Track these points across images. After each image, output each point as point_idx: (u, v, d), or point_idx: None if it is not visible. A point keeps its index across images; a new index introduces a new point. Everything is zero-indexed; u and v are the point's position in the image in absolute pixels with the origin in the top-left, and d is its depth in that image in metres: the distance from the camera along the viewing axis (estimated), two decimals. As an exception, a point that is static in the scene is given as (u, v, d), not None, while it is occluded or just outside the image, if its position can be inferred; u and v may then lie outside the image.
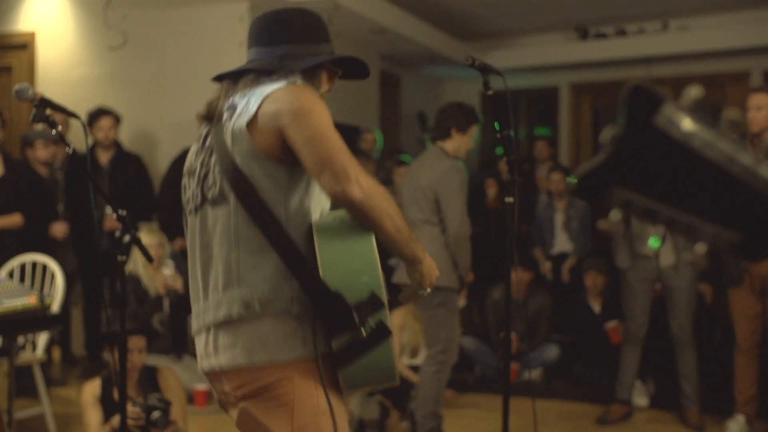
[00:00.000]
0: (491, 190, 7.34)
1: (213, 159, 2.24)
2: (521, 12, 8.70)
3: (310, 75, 2.30)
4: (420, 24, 8.42)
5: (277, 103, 2.14)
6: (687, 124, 0.73)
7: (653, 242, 2.73)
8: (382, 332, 2.07)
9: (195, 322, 2.29)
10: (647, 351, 5.61)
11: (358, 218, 2.11)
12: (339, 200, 2.08)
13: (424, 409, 4.85)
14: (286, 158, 2.14)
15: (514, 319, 5.80)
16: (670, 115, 0.73)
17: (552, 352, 6.58)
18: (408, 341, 5.96)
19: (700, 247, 0.78)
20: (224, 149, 2.18)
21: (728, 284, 5.14)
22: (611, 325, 6.23)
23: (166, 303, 5.88)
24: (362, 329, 2.05)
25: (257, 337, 2.13)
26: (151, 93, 7.19)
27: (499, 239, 7.62)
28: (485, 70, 3.13)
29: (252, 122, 2.15)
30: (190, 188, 2.34)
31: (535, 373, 6.44)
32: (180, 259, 6.39)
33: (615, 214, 0.77)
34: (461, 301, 5.04)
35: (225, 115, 2.23)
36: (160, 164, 6.95)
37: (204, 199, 2.25)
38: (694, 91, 0.75)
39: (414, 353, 6.01)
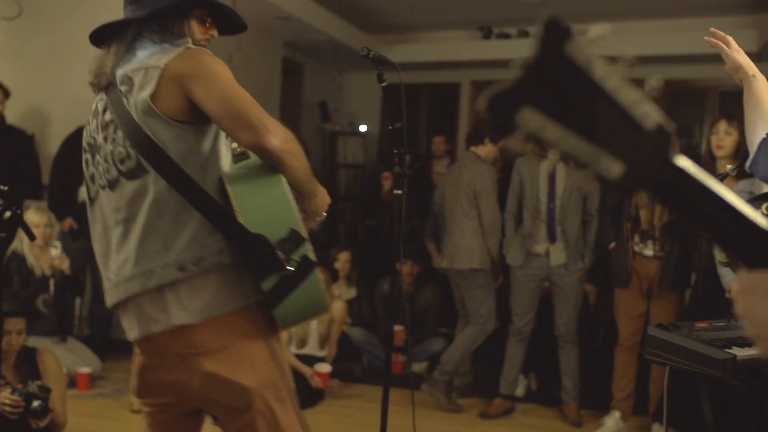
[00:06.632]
0: (386, 183, 7.38)
1: (119, 133, 2.27)
2: (427, 7, 8.77)
3: (179, 18, 2.35)
4: (325, 13, 8.39)
5: (178, 69, 2.20)
6: (590, 54, 0.83)
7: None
8: (308, 265, 2.17)
9: (114, 294, 2.31)
10: (531, 347, 5.74)
11: (274, 164, 2.18)
12: (257, 151, 2.16)
13: (450, 361, 5.65)
14: (192, 119, 2.22)
15: (402, 311, 5.89)
16: (579, 44, 0.83)
17: (438, 345, 6.64)
18: (295, 332, 5.94)
19: (584, 175, 0.82)
20: (131, 122, 2.22)
21: (616, 284, 5.28)
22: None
23: (51, 284, 5.74)
24: (288, 265, 2.13)
25: (196, 296, 2.20)
26: (47, 67, 6.95)
27: (391, 231, 7.67)
28: (380, 62, 3.16)
29: (155, 93, 2.20)
30: (97, 165, 2.36)
31: (421, 366, 6.50)
32: (68, 239, 6.24)
33: (519, 132, 0.82)
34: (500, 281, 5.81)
35: (123, 89, 2.27)
36: (52, 142, 6.70)
37: (120, 173, 2.28)
38: (601, 29, 0.86)
39: (302, 344, 6.00)
